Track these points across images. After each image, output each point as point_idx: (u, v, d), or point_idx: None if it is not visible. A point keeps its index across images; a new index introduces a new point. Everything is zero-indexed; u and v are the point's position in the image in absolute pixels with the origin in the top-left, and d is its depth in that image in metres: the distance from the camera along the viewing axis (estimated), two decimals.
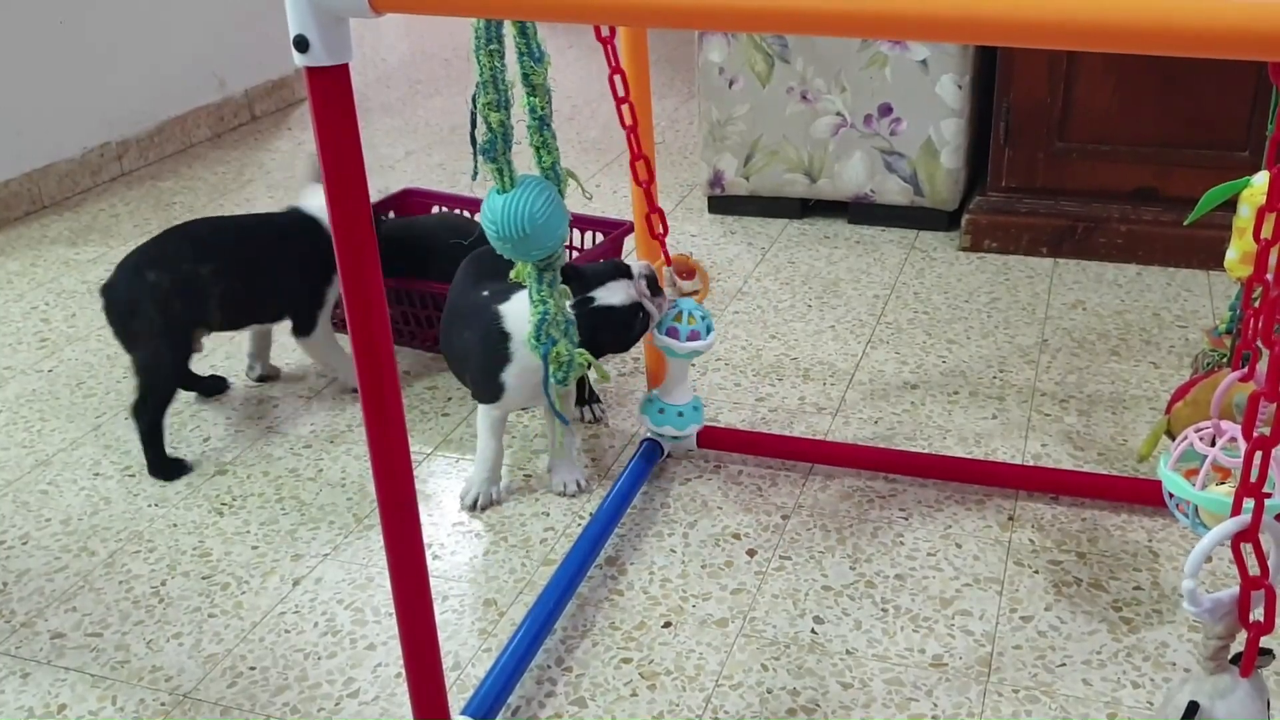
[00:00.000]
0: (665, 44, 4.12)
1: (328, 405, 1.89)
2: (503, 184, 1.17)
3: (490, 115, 1.13)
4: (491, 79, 1.13)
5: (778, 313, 2.14)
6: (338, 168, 0.91)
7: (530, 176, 1.20)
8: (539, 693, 1.28)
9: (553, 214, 1.19)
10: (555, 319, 1.29)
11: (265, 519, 1.60)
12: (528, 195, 1.17)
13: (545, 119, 1.21)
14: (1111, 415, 1.75)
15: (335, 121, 0.90)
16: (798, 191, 2.53)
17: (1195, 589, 0.83)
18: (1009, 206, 2.35)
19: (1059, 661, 1.28)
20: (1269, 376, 0.80)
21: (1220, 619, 0.86)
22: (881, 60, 2.36)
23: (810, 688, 1.26)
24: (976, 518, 1.52)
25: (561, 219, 1.22)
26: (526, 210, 1.17)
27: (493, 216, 1.19)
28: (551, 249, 1.24)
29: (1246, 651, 0.86)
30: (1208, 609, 0.85)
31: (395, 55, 4.33)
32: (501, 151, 1.16)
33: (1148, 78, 2.19)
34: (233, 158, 3.15)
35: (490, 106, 1.13)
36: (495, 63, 1.13)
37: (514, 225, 1.18)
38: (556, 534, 1.54)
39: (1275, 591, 0.84)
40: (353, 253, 0.95)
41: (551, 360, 1.31)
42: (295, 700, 1.28)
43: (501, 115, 1.14)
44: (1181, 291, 2.15)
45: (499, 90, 1.13)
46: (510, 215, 1.17)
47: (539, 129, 1.21)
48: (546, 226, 1.19)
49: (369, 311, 0.96)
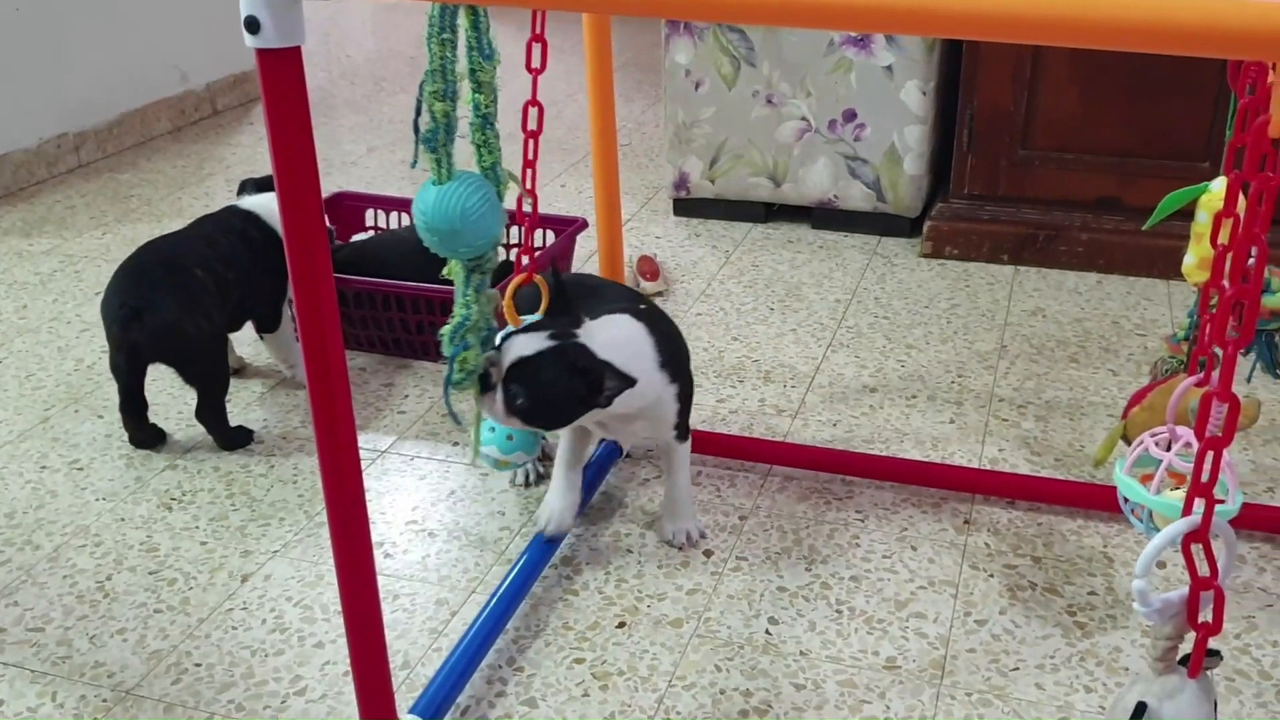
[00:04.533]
0: (633, 47, 4.11)
1: (280, 401, 1.86)
2: (439, 175, 1.14)
3: (435, 104, 1.11)
4: (441, 68, 1.10)
5: (740, 315, 2.14)
6: (289, 153, 0.89)
7: (470, 172, 1.17)
8: (489, 692, 1.26)
9: (486, 212, 1.16)
10: (476, 325, 1.25)
11: (215, 515, 1.57)
12: (463, 189, 1.15)
13: (489, 118, 1.18)
14: (1069, 421, 1.76)
15: (286, 106, 0.88)
16: (762, 195, 2.53)
17: (1145, 589, 0.83)
18: (971, 213, 2.35)
19: (1012, 665, 1.28)
20: (1221, 377, 0.80)
21: (1169, 619, 0.85)
22: (847, 65, 2.36)
23: (763, 688, 1.25)
24: (932, 521, 1.51)
25: (496, 220, 1.19)
26: (459, 205, 1.14)
27: (423, 207, 1.16)
28: (482, 249, 1.20)
29: (1195, 652, 0.85)
30: (1157, 609, 0.85)
31: (360, 52, 4.30)
32: (442, 142, 1.13)
33: (1111, 87, 2.20)
34: (193, 151, 3.11)
35: (436, 95, 1.11)
36: (446, 52, 1.11)
37: (444, 218, 1.15)
38: (512, 533, 1.53)
39: (1224, 593, 0.84)
40: (302, 241, 0.93)
41: (457, 362, 1.27)
42: (241, 698, 1.26)
43: (446, 105, 1.11)
44: (1141, 300, 2.16)
45: (446, 80, 1.11)
46: (442, 208, 1.15)
47: (481, 127, 1.18)
48: (479, 224, 1.16)
49: (318, 303, 0.94)
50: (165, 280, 1.66)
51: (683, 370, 1.43)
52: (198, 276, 1.68)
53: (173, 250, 1.72)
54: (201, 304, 1.67)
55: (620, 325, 1.39)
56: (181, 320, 1.64)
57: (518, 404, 1.29)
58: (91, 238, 2.53)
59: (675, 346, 1.43)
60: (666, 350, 1.39)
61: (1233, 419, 0.80)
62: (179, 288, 1.66)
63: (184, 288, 1.66)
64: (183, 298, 1.65)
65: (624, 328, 1.39)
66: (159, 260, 1.69)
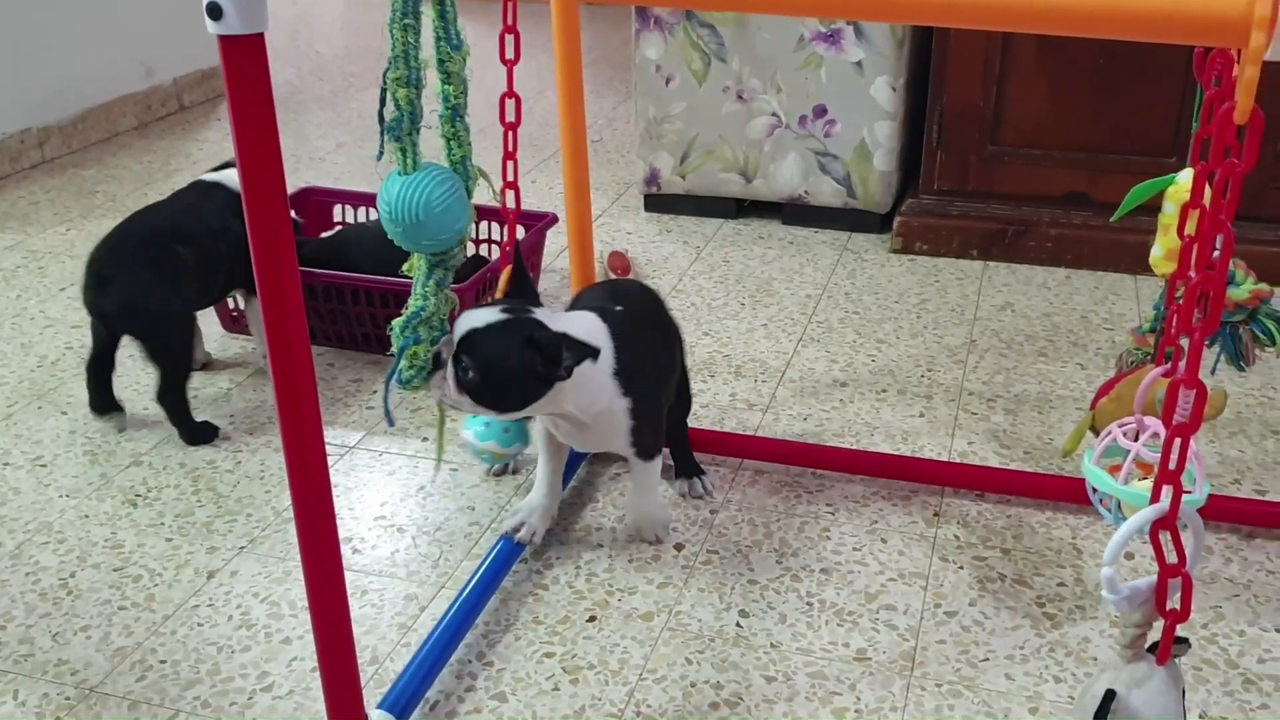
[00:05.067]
0: (603, 44, 4.11)
1: (248, 397, 1.84)
2: (404, 165, 1.12)
3: (398, 91, 1.09)
4: (403, 54, 1.09)
5: (711, 310, 2.14)
6: (253, 142, 0.88)
7: (437, 164, 1.16)
8: (459, 687, 1.25)
9: (451, 205, 1.14)
10: (429, 319, 1.23)
11: (180, 511, 1.56)
12: (427, 181, 1.13)
13: (459, 110, 1.16)
14: (1037, 415, 1.76)
15: (250, 94, 0.87)
16: (733, 191, 2.53)
17: (1114, 576, 0.83)
18: (940, 209, 2.36)
19: (982, 656, 1.28)
20: (1188, 364, 0.80)
21: (1138, 607, 0.86)
22: (817, 61, 2.36)
23: (734, 681, 1.25)
24: (902, 514, 1.52)
25: (461, 213, 1.16)
26: (423, 196, 1.12)
27: (387, 198, 1.14)
28: (446, 243, 1.18)
29: (1163, 639, 0.86)
30: (1126, 596, 0.85)
31: (330, 48, 4.27)
32: (407, 132, 1.11)
33: (1079, 83, 2.21)
34: (159, 147, 3.08)
35: (399, 82, 1.09)
36: (409, 38, 1.09)
37: (408, 210, 1.13)
38: (481, 528, 1.52)
39: (1192, 579, 0.85)
40: (267, 232, 0.91)
41: (406, 356, 1.25)
42: (206, 694, 1.24)
43: (410, 93, 1.09)
44: (1109, 295, 2.17)
45: (409, 67, 1.09)
46: (406, 199, 1.13)
47: (451, 119, 1.16)
48: (443, 216, 1.14)
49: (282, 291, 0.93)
50: (141, 253, 1.67)
51: (640, 385, 1.34)
52: (178, 253, 1.69)
53: (159, 224, 1.74)
54: (173, 281, 1.68)
55: (579, 320, 1.33)
56: (149, 294, 1.65)
57: (468, 378, 1.23)
58: (55, 234, 2.50)
59: (638, 358, 1.35)
60: (625, 359, 1.32)
61: (1200, 405, 0.80)
62: (153, 262, 1.67)
63: (158, 262, 1.67)
64: (154, 272, 1.66)
65: (583, 322, 1.33)
66: (141, 232, 1.71)
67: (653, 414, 1.39)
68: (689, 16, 2.39)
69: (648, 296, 1.52)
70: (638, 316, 1.43)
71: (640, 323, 1.42)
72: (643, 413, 1.36)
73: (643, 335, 1.40)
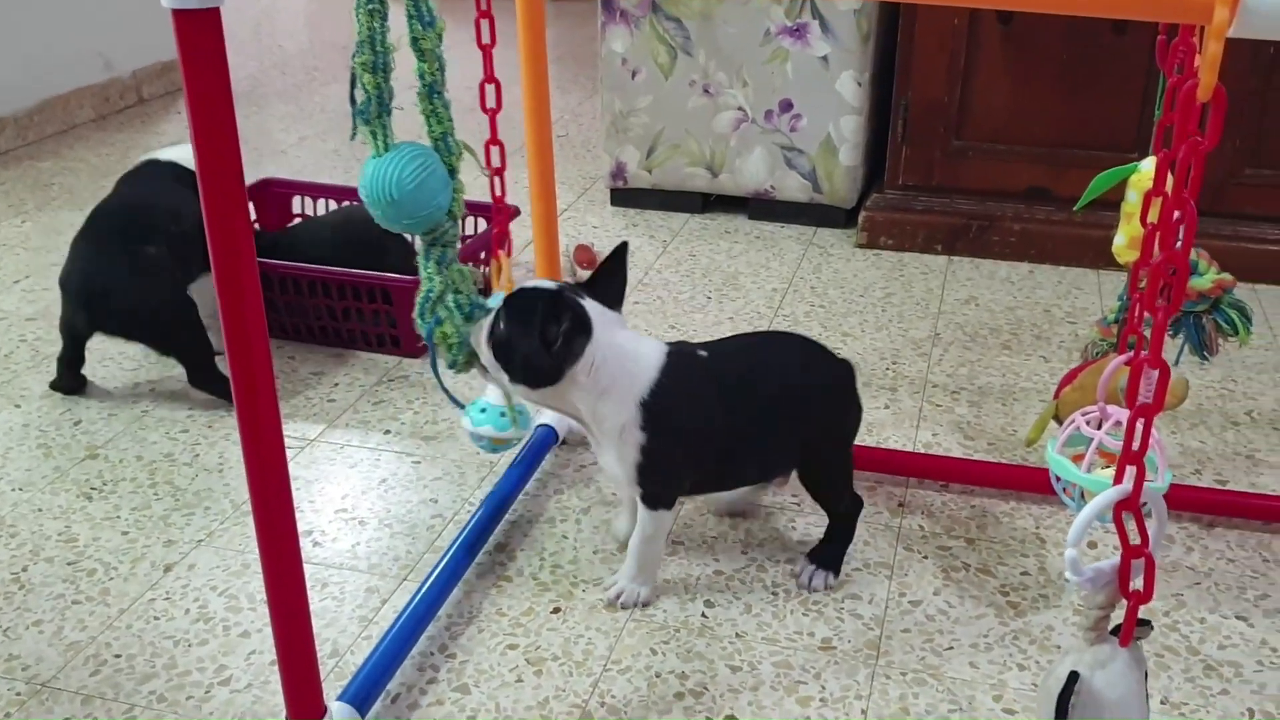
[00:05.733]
0: (571, 39, 4.10)
1: None
2: (376, 148, 1.12)
3: (364, 76, 1.09)
4: (369, 39, 1.08)
5: (677, 304, 2.13)
6: (208, 121, 0.86)
7: (409, 143, 1.15)
8: (420, 679, 1.23)
9: (425, 181, 1.14)
10: (442, 297, 1.23)
11: (137, 504, 1.53)
12: (398, 161, 1.13)
13: (435, 87, 1.16)
14: (1001, 406, 1.77)
15: (205, 71, 0.85)
16: (699, 186, 2.53)
17: (1077, 558, 0.83)
18: (905, 204, 2.37)
19: (946, 645, 1.28)
20: (1151, 344, 0.80)
21: (1101, 589, 0.86)
22: (783, 55, 2.36)
23: (699, 671, 1.24)
24: (867, 504, 1.51)
25: (438, 189, 1.16)
26: (394, 175, 1.12)
27: (364, 181, 1.15)
28: (427, 219, 1.18)
29: (1126, 620, 0.86)
30: (1089, 578, 0.85)
31: (294, 43, 4.23)
32: (376, 115, 1.11)
33: (1043, 79, 2.23)
34: (117, 140, 3.04)
35: (365, 67, 1.08)
36: (375, 23, 1.09)
37: (381, 189, 1.13)
38: (445, 521, 1.50)
39: (1155, 561, 0.85)
40: (222, 211, 0.90)
41: (438, 339, 1.25)
42: (162, 689, 1.22)
43: (377, 78, 1.09)
44: (1072, 289, 2.19)
45: (375, 51, 1.09)
46: (378, 180, 1.13)
47: (428, 96, 1.16)
48: (416, 193, 1.14)
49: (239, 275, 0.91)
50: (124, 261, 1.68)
51: (666, 429, 1.25)
52: (150, 253, 1.68)
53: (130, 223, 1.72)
54: (160, 279, 1.69)
55: (642, 342, 1.27)
56: (145, 303, 1.68)
57: (499, 329, 1.22)
58: (10, 226, 2.45)
59: (679, 406, 1.25)
60: (663, 397, 1.24)
61: (1163, 384, 0.80)
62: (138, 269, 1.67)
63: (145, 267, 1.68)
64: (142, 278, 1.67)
65: (643, 345, 1.26)
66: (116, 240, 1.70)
67: (668, 464, 1.27)
68: (655, 9, 2.39)
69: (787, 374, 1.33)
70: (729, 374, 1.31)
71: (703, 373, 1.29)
72: (657, 458, 1.25)
73: (701, 388, 1.28)
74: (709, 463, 1.31)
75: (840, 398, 1.35)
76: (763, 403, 1.30)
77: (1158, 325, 0.79)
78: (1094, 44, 2.17)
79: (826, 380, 1.34)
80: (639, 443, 1.24)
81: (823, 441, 1.33)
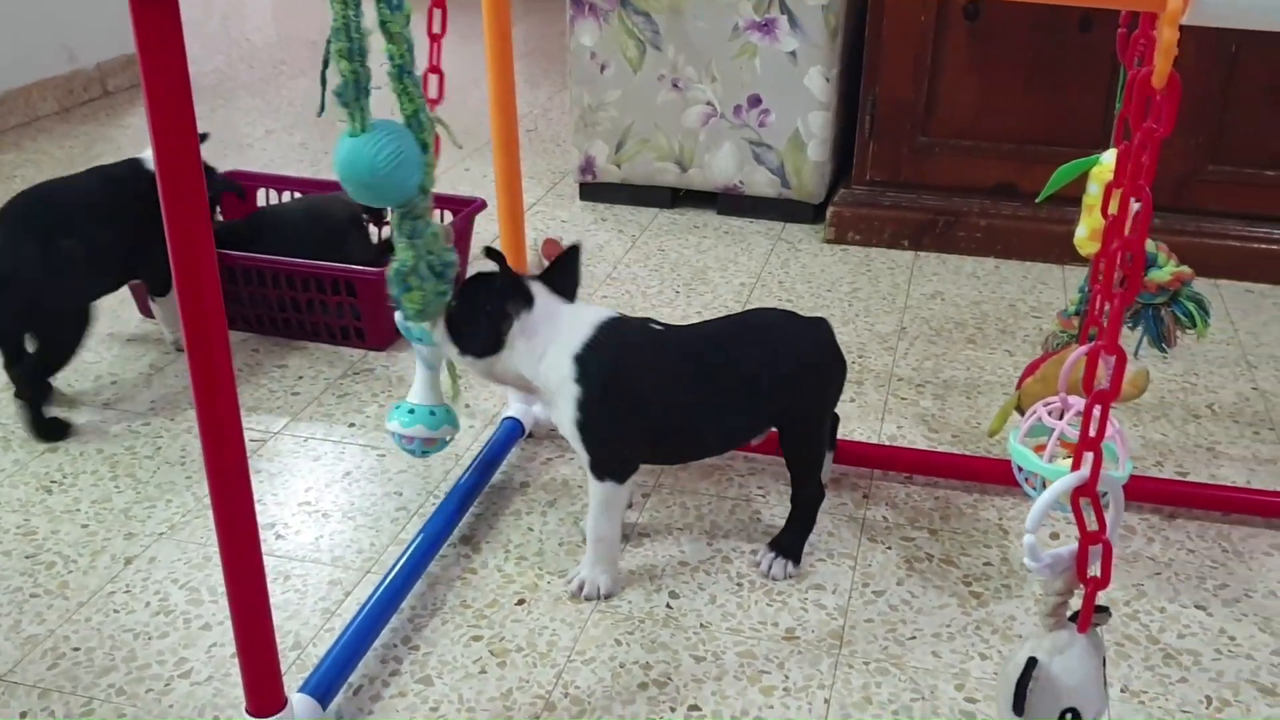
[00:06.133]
0: (541, 35, 4.09)
1: (169, 383, 1.80)
2: (354, 128, 1.14)
3: (341, 62, 1.11)
4: (344, 26, 1.10)
5: (646, 298, 2.13)
6: (165, 108, 0.86)
7: (388, 124, 1.16)
8: (383, 671, 1.23)
9: (399, 166, 1.16)
10: (415, 268, 1.27)
11: (98, 497, 1.51)
12: (374, 145, 1.15)
13: (405, 67, 1.18)
14: (966, 400, 1.78)
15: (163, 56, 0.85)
16: (668, 180, 2.53)
17: (1035, 544, 0.84)
18: (872, 200, 2.37)
19: (909, 634, 1.28)
20: (1108, 330, 0.81)
21: (1059, 574, 0.86)
22: (751, 50, 2.36)
23: (663, 661, 1.24)
24: (832, 495, 1.52)
25: (411, 172, 1.19)
26: (369, 160, 1.15)
27: (339, 158, 1.17)
28: (400, 199, 1.22)
29: (1084, 606, 0.86)
30: (1047, 564, 0.85)
31: (261, 37, 4.20)
32: (354, 97, 1.13)
33: (1009, 76, 2.24)
34: (82, 132, 3.00)
35: (341, 54, 1.10)
36: (348, 11, 1.10)
37: (355, 172, 1.16)
38: (409, 513, 1.50)
39: (1112, 546, 0.85)
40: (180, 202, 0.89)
41: (406, 299, 1.29)
42: (122, 681, 1.21)
43: (354, 64, 1.11)
44: (1037, 284, 2.20)
45: (350, 39, 1.10)
46: (353, 162, 1.15)
47: (398, 76, 1.18)
48: (390, 178, 1.16)
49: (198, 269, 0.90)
50: (33, 250, 1.60)
51: (604, 386, 1.26)
52: (65, 246, 1.63)
53: (46, 215, 1.66)
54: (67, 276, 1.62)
55: (583, 308, 1.31)
56: (42, 295, 1.60)
57: (450, 306, 1.31)
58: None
59: (617, 363, 1.27)
60: (599, 352, 1.26)
61: (1120, 370, 0.81)
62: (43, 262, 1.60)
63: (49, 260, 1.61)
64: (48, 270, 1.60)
65: (583, 310, 1.31)
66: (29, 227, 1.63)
67: (609, 424, 1.28)
68: (624, 3, 2.38)
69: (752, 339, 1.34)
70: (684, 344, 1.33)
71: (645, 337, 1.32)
72: (595, 415, 1.27)
73: (639, 350, 1.30)
74: (663, 433, 1.31)
75: (814, 354, 1.34)
76: (724, 369, 1.31)
77: (1114, 312, 0.80)
78: (1060, 41, 2.19)
79: (796, 339, 1.33)
80: (576, 397, 1.27)
81: (800, 401, 1.33)
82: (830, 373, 1.37)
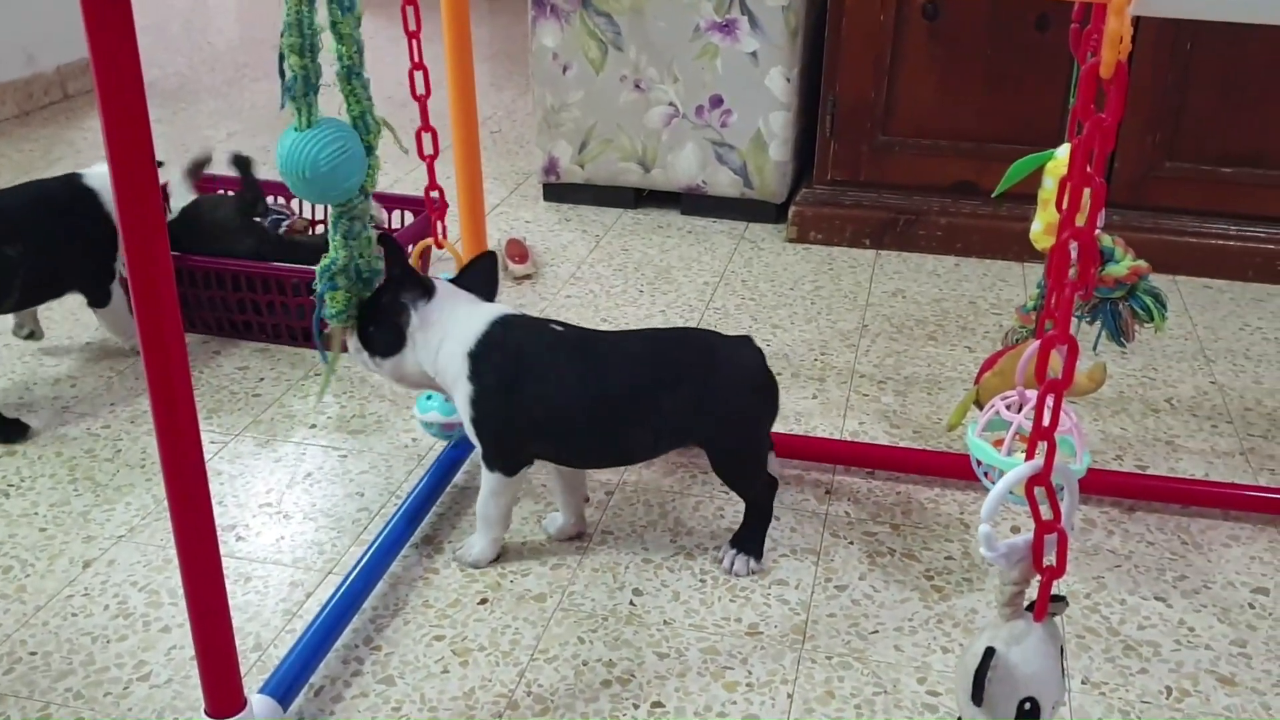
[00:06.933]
0: (505, 37, 4.08)
1: (129, 385, 1.78)
2: (300, 122, 1.15)
3: (292, 58, 1.11)
4: (296, 22, 1.11)
5: (610, 297, 2.13)
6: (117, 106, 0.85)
7: (333, 122, 1.16)
8: (345, 672, 1.22)
9: (340, 165, 1.18)
10: (345, 268, 1.27)
11: (56, 500, 1.50)
12: (316, 142, 1.16)
13: (353, 69, 1.19)
14: (927, 395, 1.79)
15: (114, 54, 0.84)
16: (632, 181, 2.53)
17: (991, 534, 0.84)
18: (833, 199, 2.39)
19: (872, 629, 1.29)
20: (1059, 320, 0.81)
21: (1015, 564, 0.87)
22: (713, 51, 2.37)
23: (626, 658, 1.24)
24: (795, 491, 1.52)
25: (352, 171, 1.20)
26: (310, 156, 1.16)
27: (281, 152, 1.17)
28: (339, 198, 1.23)
29: (1040, 595, 0.87)
30: (1003, 553, 0.86)
31: (223, 39, 4.17)
32: (302, 93, 1.14)
33: (968, 75, 2.26)
34: (41, 135, 2.97)
35: (292, 49, 1.11)
36: (301, 7, 1.11)
37: (295, 167, 1.17)
38: (370, 514, 1.49)
39: (1067, 535, 0.86)
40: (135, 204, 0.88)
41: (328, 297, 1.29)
42: (79, 685, 1.20)
43: (304, 60, 1.12)
44: (997, 281, 2.22)
45: (302, 34, 1.11)
46: (294, 157, 1.17)
47: (346, 77, 1.19)
48: (329, 176, 1.18)
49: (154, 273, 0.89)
50: None
51: (492, 384, 1.28)
52: None
53: None
54: None
55: (481, 306, 1.33)
56: None
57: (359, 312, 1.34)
58: None
59: (509, 362, 1.28)
60: (491, 350, 1.28)
61: (1072, 360, 0.82)
62: None
63: None
64: None
65: (481, 307, 1.33)
66: None
67: (498, 421, 1.30)
68: (585, 4, 2.38)
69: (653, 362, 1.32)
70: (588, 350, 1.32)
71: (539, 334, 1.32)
72: (485, 411, 1.29)
73: (554, 357, 1.30)
74: (556, 434, 1.32)
75: (734, 377, 1.30)
76: (622, 378, 1.29)
77: (1064, 300, 0.81)
78: (1017, 41, 2.21)
79: (714, 360, 1.31)
80: (468, 394, 1.30)
81: (717, 423, 1.30)
82: (748, 396, 1.31)
